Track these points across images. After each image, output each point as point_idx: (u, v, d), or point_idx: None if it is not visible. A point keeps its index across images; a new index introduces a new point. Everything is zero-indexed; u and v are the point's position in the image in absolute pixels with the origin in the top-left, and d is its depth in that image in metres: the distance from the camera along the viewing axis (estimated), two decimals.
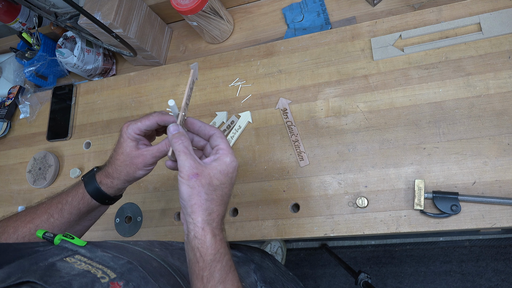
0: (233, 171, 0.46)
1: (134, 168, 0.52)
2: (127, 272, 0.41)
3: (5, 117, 1.01)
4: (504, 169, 0.60)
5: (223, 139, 0.48)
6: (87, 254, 0.42)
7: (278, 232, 0.69)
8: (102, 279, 0.37)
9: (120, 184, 0.54)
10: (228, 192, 0.46)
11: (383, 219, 0.63)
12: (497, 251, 1.40)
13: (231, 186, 0.47)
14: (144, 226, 0.79)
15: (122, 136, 0.52)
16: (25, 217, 0.54)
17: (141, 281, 0.40)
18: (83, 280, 0.36)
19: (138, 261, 0.44)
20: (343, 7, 0.84)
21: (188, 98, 0.51)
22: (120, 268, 0.41)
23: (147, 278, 0.41)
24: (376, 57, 0.71)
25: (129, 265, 0.42)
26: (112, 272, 0.39)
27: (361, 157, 0.68)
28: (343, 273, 1.51)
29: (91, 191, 0.54)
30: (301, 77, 0.76)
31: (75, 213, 0.54)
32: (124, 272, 0.40)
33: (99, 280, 0.37)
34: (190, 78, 0.50)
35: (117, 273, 0.40)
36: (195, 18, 0.80)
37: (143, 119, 0.51)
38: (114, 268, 0.40)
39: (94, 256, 0.42)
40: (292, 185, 0.70)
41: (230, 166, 0.46)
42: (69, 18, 0.88)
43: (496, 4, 0.67)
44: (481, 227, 0.59)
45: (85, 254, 0.42)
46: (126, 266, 0.42)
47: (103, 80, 0.96)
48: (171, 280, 0.45)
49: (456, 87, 0.66)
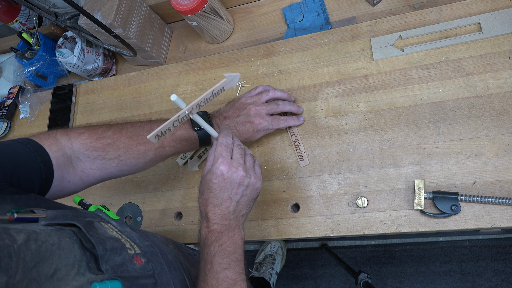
0: (207, 182, 0.53)
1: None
2: (149, 253, 0.45)
3: (5, 117, 1.01)
4: (504, 169, 0.60)
5: (211, 154, 0.55)
6: (117, 226, 0.46)
7: (278, 232, 0.69)
8: (129, 250, 0.41)
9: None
10: (206, 198, 0.53)
11: (383, 219, 0.63)
12: (497, 251, 1.40)
13: (210, 193, 0.53)
14: (144, 226, 0.79)
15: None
16: (137, 137, 0.60)
17: (158, 266, 0.44)
18: (115, 244, 0.40)
19: (159, 249, 0.48)
20: (343, 7, 0.84)
21: (205, 101, 0.52)
22: (144, 248, 0.45)
23: (164, 266, 0.45)
24: (376, 57, 0.71)
25: (152, 249, 0.46)
26: (137, 248, 0.43)
27: (361, 157, 0.68)
28: (343, 273, 1.51)
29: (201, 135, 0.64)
30: (301, 77, 0.76)
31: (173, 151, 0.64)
32: (147, 252, 0.44)
33: (126, 250, 0.41)
34: (218, 84, 0.51)
35: (142, 250, 0.44)
36: (195, 18, 0.80)
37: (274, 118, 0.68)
38: (139, 245, 0.44)
39: (123, 230, 0.46)
40: (292, 185, 0.70)
41: (204, 179, 0.54)
42: (69, 18, 0.88)
43: (496, 4, 0.67)
44: (481, 227, 0.59)
45: (116, 226, 0.46)
46: (149, 249, 0.46)
47: (103, 80, 0.96)
48: (180, 277, 0.48)
49: (456, 87, 0.66)
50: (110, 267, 0.37)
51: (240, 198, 0.53)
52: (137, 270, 0.40)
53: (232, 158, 0.53)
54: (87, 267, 0.36)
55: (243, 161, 0.54)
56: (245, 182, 0.53)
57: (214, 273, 0.47)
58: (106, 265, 0.37)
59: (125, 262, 0.39)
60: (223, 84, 0.51)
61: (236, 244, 0.51)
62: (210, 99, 0.52)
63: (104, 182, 0.85)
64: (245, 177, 0.53)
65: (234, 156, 0.54)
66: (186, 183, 0.79)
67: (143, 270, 0.41)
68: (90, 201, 0.85)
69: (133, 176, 0.83)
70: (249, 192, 0.54)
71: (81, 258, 0.36)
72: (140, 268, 0.41)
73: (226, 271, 0.47)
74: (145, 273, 0.41)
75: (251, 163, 0.56)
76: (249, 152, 0.57)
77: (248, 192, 0.54)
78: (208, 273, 0.47)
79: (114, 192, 0.84)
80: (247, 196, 0.54)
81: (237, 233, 0.52)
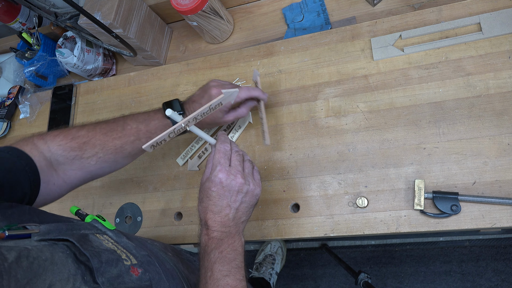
0: (206, 190, 0.53)
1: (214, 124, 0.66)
2: (146, 263, 0.44)
3: (5, 117, 1.01)
4: (504, 169, 0.60)
5: (209, 162, 0.55)
6: (114, 237, 0.46)
7: (278, 232, 0.69)
8: (125, 261, 0.41)
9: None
10: (206, 206, 0.53)
11: (383, 219, 0.63)
12: (497, 251, 1.40)
13: (209, 201, 0.53)
14: (144, 226, 0.79)
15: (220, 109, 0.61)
16: (111, 132, 0.60)
17: (156, 275, 0.43)
18: (110, 256, 0.40)
19: (156, 258, 0.48)
20: (343, 7, 0.84)
21: (201, 115, 0.52)
22: (141, 258, 0.44)
23: (161, 275, 0.45)
24: (376, 57, 0.71)
25: (149, 258, 0.46)
26: (134, 258, 0.43)
27: (361, 157, 0.68)
28: (343, 273, 1.51)
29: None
30: (301, 77, 0.76)
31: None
32: (144, 262, 0.44)
33: (122, 261, 0.41)
34: (215, 99, 0.52)
35: (138, 261, 0.43)
36: (195, 18, 0.80)
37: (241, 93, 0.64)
38: (135, 256, 0.44)
39: (120, 241, 0.46)
40: (292, 185, 0.70)
41: (202, 187, 0.54)
42: (69, 18, 0.88)
43: (496, 4, 0.67)
44: (481, 227, 0.59)
45: (112, 237, 0.46)
46: (146, 258, 0.45)
47: (103, 80, 0.96)
48: (179, 285, 0.48)
49: (456, 87, 0.66)
50: (106, 280, 0.37)
51: (240, 205, 0.53)
52: (134, 281, 0.40)
53: (230, 165, 0.53)
54: (82, 280, 0.36)
55: (241, 168, 0.54)
56: (244, 189, 0.53)
57: (214, 280, 0.47)
58: (102, 278, 0.37)
59: (121, 274, 0.39)
60: (220, 99, 0.52)
61: (237, 251, 0.50)
62: (207, 113, 0.53)
63: (104, 182, 0.85)
64: (244, 184, 0.52)
65: (233, 163, 0.54)
66: (186, 183, 0.79)
67: (140, 281, 0.40)
68: (90, 202, 0.85)
69: (133, 176, 0.83)
70: (248, 199, 0.54)
71: (75, 272, 0.36)
72: (137, 279, 0.40)
73: (227, 278, 0.47)
74: (142, 283, 0.40)
75: (250, 169, 0.56)
76: (247, 158, 0.57)
77: (247, 199, 0.53)
78: (209, 280, 0.47)
79: (114, 192, 0.84)
80: (247, 203, 0.54)
81: (237, 240, 0.52)
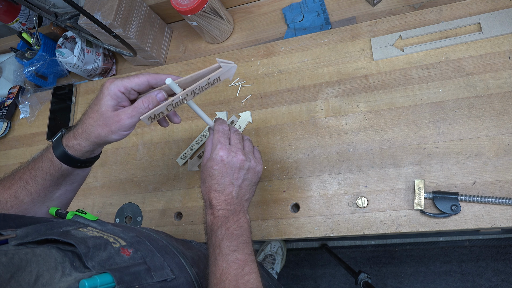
0: (208, 169, 0.53)
1: (106, 130, 0.48)
2: (136, 243, 0.43)
3: (5, 117, 1.01)
4: (504, 169, 0.60)
5: (208, 143, 0.55)
6: (98, 227, 0.45)
7: (278, 232, 0.69)
8: (114, 244, 0.40)
9: (88, 147, 0.50)
10: (209, 185, 0.53)
11: (383, 219, 0.63)
12: (497, 251, 1.40)
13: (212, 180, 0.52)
14: (144, 226, 0.79)
15: (102, 92, 0.48)
16: (4, 182, 0.53)
17: (148, 253, 0.43)
18: (97, 241, 0.39)
19: (146, 238, 0.47)
20: (343, 7, 0.84)
21: (200, 89, 0.50)
22: (130, 239, 0.44)
23: (154, 252, 0.44)
24: (376, 57, 0.71)
25: (138, 238, 0.45)
26: (122, 240, 0.42)
27: (361, 157, 0.68)
28: (343, 273, 1.51)
29: (58, 155, 0.51)
30: (301, 77, 0.76)
31: (49, 178, 0.52)
32: (134, 243, 0.43)
33: (111, 244, 0.40)
34: (214, 73, 0.50)
35: (127, 242, 0.42)
36: (195, 18, 0.80)
37: (132, 76, 0.49)
38: (124, 238, 0.43)
39: (105, 229, 0.45)
40: (292, 185, 0.70)
41: (204, 167, 0.54)
42: (69, 18, 0.88)
43: (496, 4, 0.67)
44: (481, 227, 0.59)
45: (96, 227, 0.45)
46: (135, 239, 0.45)
47: (103, 80, 0.96)
48: (175, 259, 0.47)
49: (456, 87, 0.66)
50: (96, 263, 0.36)
51: (242, 182, 0.53)
52: (126, 260, 0.39)
53: (230, 143, 0.54)
54: (72, 266, 0.35)
55: (241, 146, 0.54)
56: (245, 165, 0.53)
57: (223, 256, 0.46)
58: (92, 262, 0.36)
59: (111, 256, 0.38)
60: (219, 73, 0.50)
61: (243, 228, 0.50)
62: (206, 88, 0.51)
63: (104, 182, 0.85)
64: (245, 160, 0.53)
65: (232, 142, 0.54)
66: (186, 183, 0.79)
67: (133, 259, 0.40)
68: (90, 202, 0.85)
69: (133, 176, 0.83)
70: (251, 175, 0.54)
71: (62, 259, 0.35)
72: (129, 258, 0.40)
73: (236, 253, 0.47)
74: (136, 261, 0.40)
75: (250, 148, 0.56)
76: (247, 138, 0.57)
77: (249, 176, 0.54)
78: (218, 257, 0.47)
79: (114, 192, 0.84)
80: (249, 180, 0.54)
81: (243, 217, 0.52)
